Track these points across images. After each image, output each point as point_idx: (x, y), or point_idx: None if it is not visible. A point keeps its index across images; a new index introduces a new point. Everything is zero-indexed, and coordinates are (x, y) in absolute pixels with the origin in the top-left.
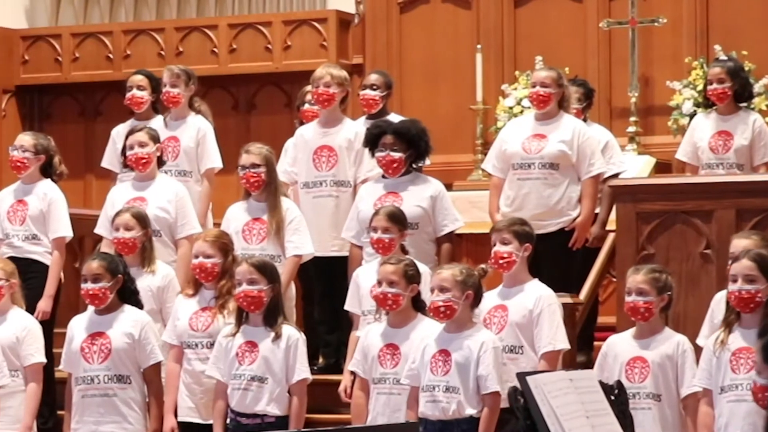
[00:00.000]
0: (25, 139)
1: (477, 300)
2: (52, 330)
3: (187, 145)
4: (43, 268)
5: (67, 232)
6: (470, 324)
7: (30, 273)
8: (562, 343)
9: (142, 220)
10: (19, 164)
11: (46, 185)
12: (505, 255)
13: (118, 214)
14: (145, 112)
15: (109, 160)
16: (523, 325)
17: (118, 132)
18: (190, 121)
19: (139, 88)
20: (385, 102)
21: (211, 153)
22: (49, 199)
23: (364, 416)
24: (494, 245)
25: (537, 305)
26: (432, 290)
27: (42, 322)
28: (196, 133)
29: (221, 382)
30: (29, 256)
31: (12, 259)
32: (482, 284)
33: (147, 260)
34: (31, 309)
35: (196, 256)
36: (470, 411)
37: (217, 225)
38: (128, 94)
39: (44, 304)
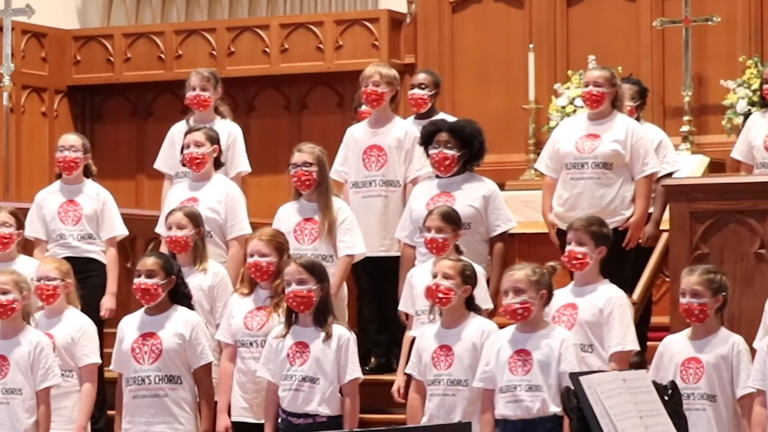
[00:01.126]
0: (74, 138)
1: (550, 298)
2: (103, 330)
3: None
4: (100, 267)
5: (122, 230)
6: (543, 323)
7: (88, 272)
8: (632, 344)
9: (194, 219)
10: (72, 164)
11: (95, 185)
12: (580, 255)
13: (170, 213)
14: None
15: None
16: (593, 324)
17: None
18: (219, 125)
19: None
20: (433, 101)
21: (241, 157)
22: (103, 199)
23: (419, 419)
24: (569, 244)
25: (608, 305)
26: (506, 292)
27: (95, 323)
28: (226, 137)
29: (272, 383)
30: (86, 255)
31: (68, 258)
32: (552, 283)
33: (199, 259)
34: (90, 307)
35: (252, 255)
36: (554, 409)
37: (268, 225)
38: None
39: (109, 302)
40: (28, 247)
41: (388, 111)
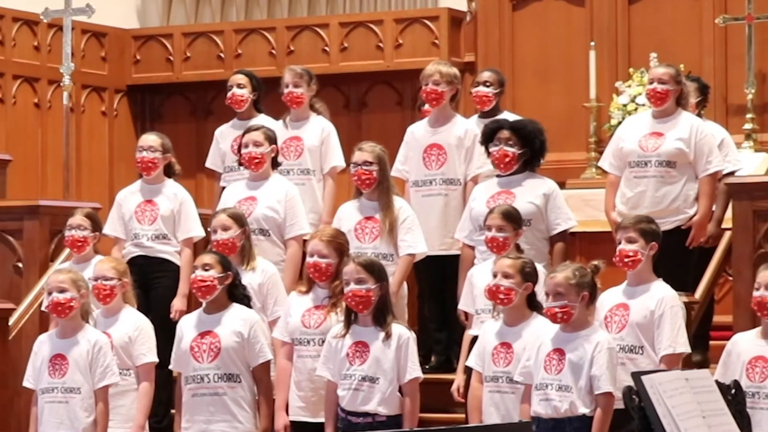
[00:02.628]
0: (152, 138)
1: (592, 299)
2: (173, 330)
3: (311, 144)
4: (172, 268)
5: (198, 231)
6: (587, 324)
7: (160, 272)
8: (683, 346)
9: (238, 219)
10: (150, 164)
11: (174, 185)
12: (631, 254)
13: (214, 215)
14: (246, 111)
15: (213, 160)
16: (644, 326)
17: (221, 132)
18: (313, 121)
19: (239, 86)
20: (497, 99)
21: (335, 152)
22: (180, 199)
23: (481, 409)
24: (619, 243)
25: (659, 306)
26: (547, 295)
27: (162, 323)
28: (320, 132)
29: (332, 382)
30: (159, 256)
31: (141, 258)
32: (596, 281)
33: (247, 258)
34: (159, 307)
35: (311, 255)
36: (583, 410)
37: (328, 224)
38: (229, 93)
39: (179, 303)
40: (107, 245)
41: (449, 109)
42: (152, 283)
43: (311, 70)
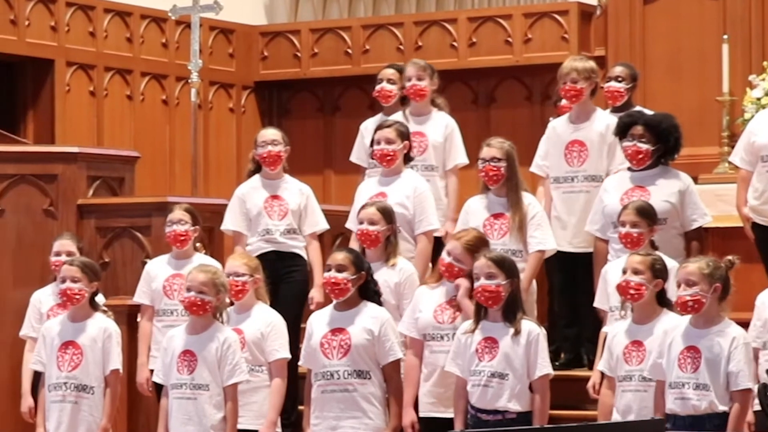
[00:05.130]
0: (274, 133)
1: (725, 293)
2: (299, 326)
3: (435, 141)
4: (303, 262)
5: (324, 225)
6: (718, 318)
7: (292, 267)
8: None
9: (387, 214)
10: (277, 158)
11: (295, 180)
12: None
13: (363, 207)
14: (392, 105)
15: (357, 154)
16: None
17: (367, 126)
18: (436, 117)
19: (389, 81)
20: (630, 94)
21: (458, 149)
22: (306, 194)
23: (611, 416)
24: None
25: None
26: (678, 284)
27: (293, 318)
28: (444, 129)
29: (461, 378)
30: (291, 250)
31: (273, 253)
32: (730, 276)
33: (390, 254)
34: (291, 302)
35: (449, 254)
36: (723, 407)
37: (454, 221)
38: (377, 87)
39: (318, 295)
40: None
41: (589, 104)
42: (283, 279)
43: (438, 64)
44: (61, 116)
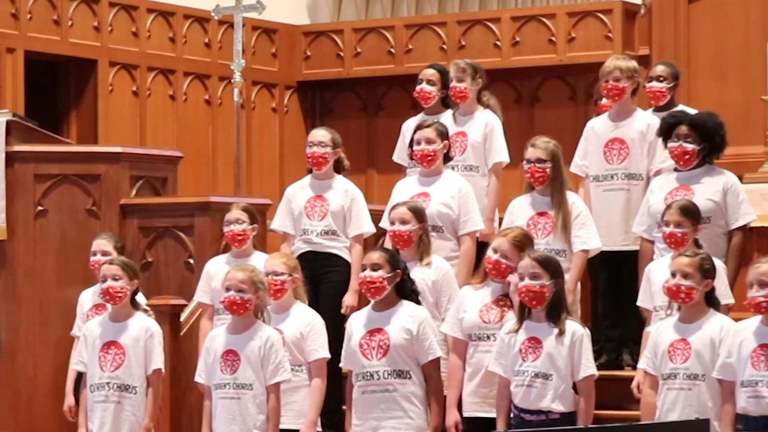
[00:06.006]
0: (322, 134)
1: None
2: (343, 326)
3: (474, 140)
4: (342, 263)
5: (369, 227)
6: None
7: (329, 267)
8: None
9: (418, 213)
10: (320, 160)
11: (345, 181)
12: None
13: (394, 207)
14: (433, 106)
15: (399, 154)
16: None
17: (408, 126)
18: (478, 116)
19: (429, 82)
20: (672, 94)
21: (498, 148)
22: (352, 195)
23: (654, 415)
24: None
25: None
26: (750, 285)
27: (332, 319)
28: (483, 127)
29: (504, 378)
30: (329, 251)
31: (310, 254)
32: None
33: (423, 254)
34: (330, 303)
35: (495, 251)
36: None
37: (500, 219)
38: (417, 87)
39: (351, 299)
40: (275, 241)
41: (630, 104)
42: (321, 279)
43: (482, 64)
44: (104, 116)
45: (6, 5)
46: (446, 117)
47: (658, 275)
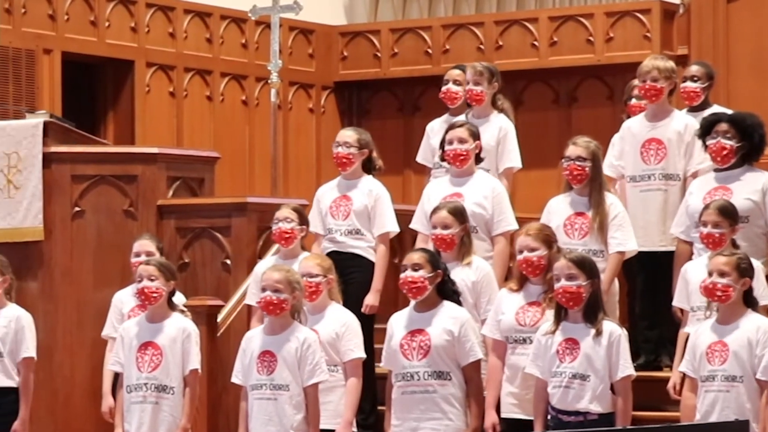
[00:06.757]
0: (348, 134)
1: None
2: (373, 326)
3: (487, 144)
4: (365, 263)
5: (393, 227)
6: None
7: (353, 267)
8: None
9: (459, 215)
10: (344, 160)
11: (371, 181)
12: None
13: (435, 211)
14: (459, 107)
15: (423, 155)
16: None
17: (432, 128)
18: (493, 120)
19: (455, 82)
20: (706, 94)
21: (511, 153)
22: (375, 195)
23: (693, 418)
24: None
25: None
26: None
27: (363, 318)
28: (497, 131)
29: (541, 380)
30: (352, 251)
31: (334, 253)
32: None
33: (464, 254)
34: (353, 303)
35: (521, 251)
36: None
37: (536, 220)
38: (444, 88)
39: (372, 299)
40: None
41: (667, 104)
42: (345, 279)
43: (519, 64)
44: (141, 117)
45: (43, 6)
46: (460, 120)
47: (694, 275)
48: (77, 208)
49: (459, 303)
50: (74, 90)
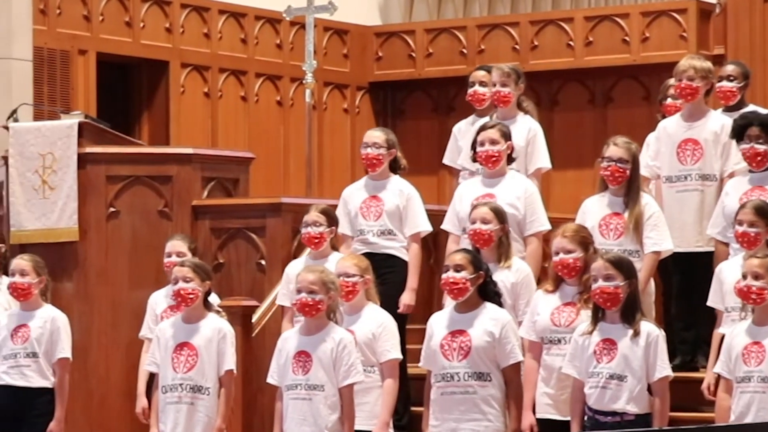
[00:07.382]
0: (377, 135)
1: None
2: (405, 326)
3: (517, 144)
4: (399, 263)
5: (426, 226)
6: None
7: (386, 268)
8: None
9: (499, 214)
10: (374, 161)
11: (399, 181)
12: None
13: (475, 207)
14: (486, 108)
15: (450, 156)
16: None
17: (459, 129)
18: (520, 121)
19: (481, 84)
20: (742, 93)
21: (541, 153)
22: (407, 195)
23: (729, 419)
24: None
25: None
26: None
27: (396, 319)
28: (526, 132)
29: (578, 380)
30: (385, 251)
31: (367, 255)
32: None
33: (504, 255)
34: (388, 303)
35: (557, 253)
36: None
37: (571, 220)
38: (470, 90)
39: (408, 298)
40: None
41: (703, 104)
42: (380, 280)
43: (555, 64)
44: (175, 117)
45: (78, 7)
46: (483, 121)
47: (729, 275)
48: (112, 209)
49: (500, 304)
50: (109, 91)
